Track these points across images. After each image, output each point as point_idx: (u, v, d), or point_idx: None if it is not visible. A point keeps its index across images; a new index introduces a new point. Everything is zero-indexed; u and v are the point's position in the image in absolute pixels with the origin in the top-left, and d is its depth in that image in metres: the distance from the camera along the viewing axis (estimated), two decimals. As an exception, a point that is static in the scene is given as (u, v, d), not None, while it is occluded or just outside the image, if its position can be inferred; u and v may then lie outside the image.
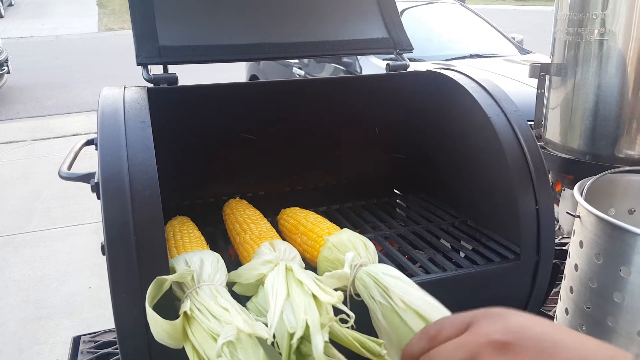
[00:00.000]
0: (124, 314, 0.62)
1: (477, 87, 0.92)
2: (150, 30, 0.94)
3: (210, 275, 0.66)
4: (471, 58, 4.47)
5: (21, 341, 2.78)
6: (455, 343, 0.49)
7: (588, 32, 1.31)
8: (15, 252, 3.69)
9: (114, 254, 0.62)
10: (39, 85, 9.02)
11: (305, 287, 0.59)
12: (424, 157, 1.16)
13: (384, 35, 1.08)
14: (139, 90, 0.80)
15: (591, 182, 1.10)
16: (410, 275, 0.90)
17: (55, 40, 14.17)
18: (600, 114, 1.33)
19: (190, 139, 1.04)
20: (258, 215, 0.93)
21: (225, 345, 0.52)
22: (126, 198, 0.63)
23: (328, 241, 0.77)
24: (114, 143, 0.67)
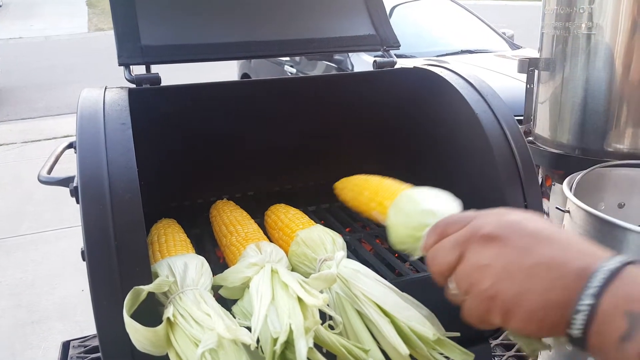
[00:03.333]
0: (106, 321, 0.61)
1: (464, 83, 0.91)
2: (132, 29, 0.92)
3: (194, 280, 0.65)
4: (462, 54, 4.47)
5: (14, 346, 2.75)
6: (453, 237, 0.53)
7: (575, 27, 1.31)
8: (7, 255, 3.66)
9: (94, 259, 0.60)
10: (29, 86, 8.94)
11: (291, 290, 0.58)
12: (413, 153, 1.15)
13: (371, 32, 1.07)
14: (120, 91, 0.78)
15: (580, 176, 1.09)
16: (399, 274, 0.89)
17: (45, 41, 14.06)
18: (588, 108, 1.33)
19: (175, 140, 1.02)
20: (245, 216, 0.92)
21: (208, 352, 0.51)
22: (106, 202, 0.62)
23: (298, 236, 0.77)
24: (93, 146, 0.65)
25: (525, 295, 0.46)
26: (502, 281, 0.47)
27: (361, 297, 0.64)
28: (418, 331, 0.58)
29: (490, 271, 0.48)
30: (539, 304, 0.45)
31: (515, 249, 0.48)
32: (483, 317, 0.49)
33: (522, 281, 0.46)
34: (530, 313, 0.45)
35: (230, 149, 1.10)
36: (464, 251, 0.51)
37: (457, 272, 0.51)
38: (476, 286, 0.49)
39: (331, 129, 1.12)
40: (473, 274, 0.49)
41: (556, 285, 0.45)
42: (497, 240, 0.49)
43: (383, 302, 0.62)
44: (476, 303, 0.49)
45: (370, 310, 0.62)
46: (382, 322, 0.60)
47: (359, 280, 0.66)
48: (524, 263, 0.47)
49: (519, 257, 0.47)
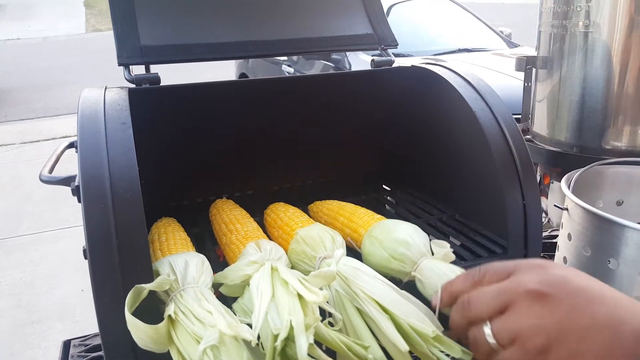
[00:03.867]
0: (108, 319, 0.61)
1: (462, 82, 0.91)
2: (132, 29, 0.93)
3: (195, 278, 0.66)
4: (460, 52, 4.48)
5: (14, 346, 2.76)
6: (494, 288, 0.52)
7: (573, 25, 1.32)
8: (6, 256, 3.66)
9: (95, 258, 0.61)
10: (27, 87, 8.94)
11: (291, 287, 0.59)
12: (411, 152, 1.16)
13: (369, 31, 1.08)
14: (120, 91, 0.79)
15: (578, 174, 1.10)
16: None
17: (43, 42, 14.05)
18: (586, 106, 1.34)
19: (175, 139, 1.03)
20: (244, 215, 0.92)
21: (209, 349, 0.52)
22: (107, 201, 0.62)
23: (297, 234, 0.77)
24: (94, 145, 0.66)
25: (580, 357, 0.44)
26: (556, 340, 0.46)
27: (361, 294, 0.64)
28: (417, 328, 0.58)
29: (544, 328, 0.47)
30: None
31: (566, 308, 0.46)
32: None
33: (577, 342, 0.45)
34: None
35: (230, 148, 1.10)
36: (509, 303, 0.49)
37: (501, 321, 0.50)
38: (526, 341, 0.47)
39: (329, 128, 1.12)
40: (523, 328, 0.48)
41: (613, 347, 0.43)
42: (546, 298, 0.48)
43: (382, 299, 0.63)
44: (520, 357, 0.47)
45: (369, 307, 0.62)
46: (382, 319, 0.60)
47: (359, 277, 0.66)
48: (578, 323, 0.45)
49: (572, 316, 0.46)
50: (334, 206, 0.97)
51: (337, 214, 0.93)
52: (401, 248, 0.73)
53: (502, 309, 0.50)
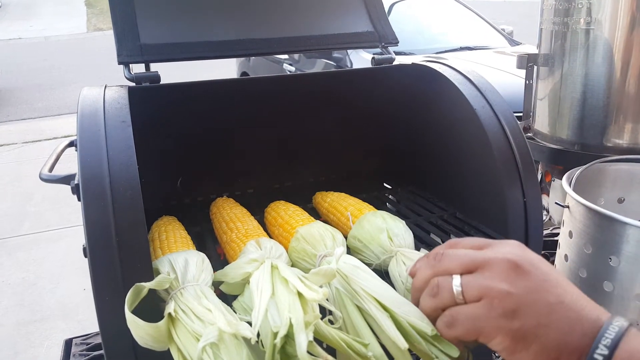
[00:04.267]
0: (108, 317, 0.61)
1: (463, 79, 0.91)
2: (132, 28, 0.93)
3: (195, 276, 0.66)
4: (461, 50, 4.48)
5: (16, 345, 2.76)
6: (469, 251, 0.54)
7: (574, 22, 1.31)
8: (9, 255, 3.67)
9: (95, 256, 0.61)
10: (29, 87, 8.96)
11: (290, 284, 0.59)
12: (412, 150, 1.15)
13: (369, 29, 1.08)
14: (120, 90, 0.79)
15: (579, 172, 1.10)
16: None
17: (44, 41, 14.07)
18: (588, 104, 1.33)
19: (175, 138, 1.02)
20: (245, 213, 0.92)
21: (209, 346, 0.52)
22: (107, 199, 0.62)
23: (297, 232, 0.77)
24: (93, 144, 0.66)
25: (544, 330, 0.46)
26: (525, 308, 0.47)
27: (361, 292, 0.64)
28: (417, 326, 0.58)
29: (515, 294, 0.48)
30: (555, 342, 0.46)
31: (539, 283, 0.49)
32: (483, 332, 0.49)
33: (544, 315, 0.47)
34: (545, 349, 0.46)
35: (231, 147, 1.10)
36: (484, 264, 0.51)
37: (473, 277, 0.51)
38: (494, 299, 0.48)
39: (330, 126, 1.12)
40: (494, 287, 0.49)
41: (575, 329, 0.46)
42: (522, 269, 0.49)
43: (382, 298, 0.63)
44: (485, 314, 0.48)
45: (369, 305, 0.62)
46: (382, 317, 0.60)
47: (359, 275, 0.66)
48: (547, 299, 0.47)
49: (543, 292, 0.48)
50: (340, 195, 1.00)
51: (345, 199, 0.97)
52: (397, 230, 0.79)
53: (475, 268, 0.52)
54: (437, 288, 0.53)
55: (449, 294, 0.52)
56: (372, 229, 0.80)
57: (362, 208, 0.90)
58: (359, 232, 0.82)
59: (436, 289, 0.54)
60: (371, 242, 0.79)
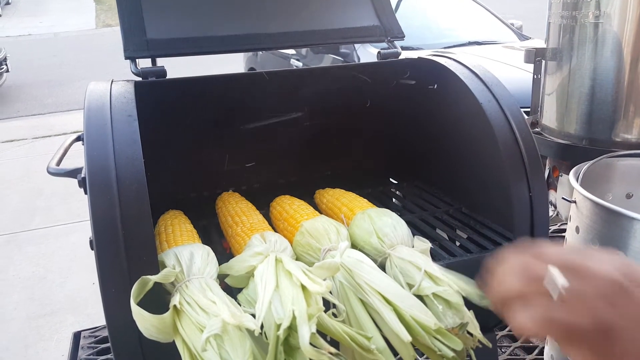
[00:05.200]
0: (114, 309, 0.62)
1: (469, 73, 0.91)
2: (138, 23, 0.93)
3: (200, 269, 0.66)
4: (470, 45, 4.44)
5: (27, 338, 2.80)
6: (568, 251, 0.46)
7: (583, 15, 1.30)
8: (19, 250, 3.71)
9: (102, 248, 0.62)
10: (39, 83, 9.01)
11: (294, 277, 0.59)
12: (418, 145, 1.15)
13: (375, 23, 1.07)
14: (126, 84, 0.79)
15: (587, 167, 1.08)
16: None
17: (54, 37, 14.15)
18: (596, 98, 1.32)
19: (182, 133, 1.03)
20: (250, 207, 0.93)
21: (213, 338, 0.52)
22: (113, 193, 0.63)
23: (302, 226, 0.78)
24: (100, 137, 0.67)
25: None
26: (630, 329, 0.42)
27: (364, 286, 0.64)
28: (420, 320, 0.59)
29: (619, 312, 0.42)
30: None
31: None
32: (572, 341, 0.44)
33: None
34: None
35: (236, 141, 1.10)
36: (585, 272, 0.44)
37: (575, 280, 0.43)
38: (596, 313, 0.42)
39: (335, 121, 1.12)
40: (597, 301, 0.42)
41: None
42: (625, 292, 0.43)
43: (386, 291, 0.63)
44: (582, 326, 0.42)
45: (373, 298, 0.63)
46: (385, 310, 0.61)
47: (363, 269, 0.67)
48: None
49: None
50: (337, 192, 1.00)
51: (340, 198, 0.97)
52: (386, 229, 0.78)
53: (572, 270, 0.44)
54: (529, 274, 0.46)
55: (545, 303, 0.44)
56: (362, 233, 0.80)
57: (354, 207, 0.89)
58: (353, 237, 0.82)
59: (527, 274, 0.46)
60: (364, 245, 0.79)
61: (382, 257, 0.76)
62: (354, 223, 0.83)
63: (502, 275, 0.48)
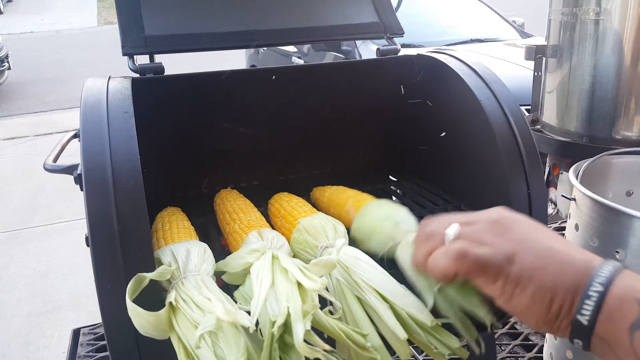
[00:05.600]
0: (110, 305, 0.62)
1: (468, 70, 0.90)
2: (136, 19, 0.93)
3: (196, 266, 0.66)
4: (471, 43, 4.44)
5: (28, 334, 2.81)
6: (457, 216, 0.57)
7: (583, 12, 1.29)
8: (21, 247, 3.72)
9: (97, 245, 0.61)
10: (40, 80, 9.03)
11: (290, 275, 0.59)
12: (417, 142, 1.15)
13: (374, 20, 1.07)
14: (123, 81, 0.79)
15: (587, 164, 1.08)
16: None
17: (55, 35, 14.15)
18: (596, 95, 1.31)
19: (180, 129, 1.03)
20: (248, 204, 0.93)
21: (207, 335, 0.52)
22: (109, 189, 0.63)
23: (299, 223, 0.78)
24: (96, 134, 0.66)
25: (538, 272, 0.47)
26: (521, 251, 0.49)
27: (361, 283, 0.64)
28: (416, 317, 0.58)
29: (508, 240, 0.50)
30: (550, 283, 0.46)
31: (523, 235, 0.51)
32: (486, 271, 0.49)
33: (536, 259, 0.48)
34: (540, 290, 0.46)
35: (235, 139, 1.10)
36: (474, 221, 0.54)
37: (467, 227, 0.53)
38: (494, 244, 0.50)
39: (335, 118, 1.12)
40: (490, 237, 0.51)
41: (567, 270, 0.47)
42: (504, 226, 0.52)
43: (383, 289, 0.63)
44: (491, 255, 0.49)
45: (369, 296, 0.62)
46: (382, 308, 0.61)
47: (360, 267, 0.66)
48: (536, 246, 0.49)
49: (530, 241, 0.50)
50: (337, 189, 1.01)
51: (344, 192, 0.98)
52: (400, 215, 0.78)
53: (468, 223, 0.54)
54: (431, 234, 0.55)
55: (442, 239, 0.54)
56: (375, 218, 0.79)
57: (362, 199, 0.89)
58: (362, 223, 0.81)
59: (430, 235, 0.56)
60: (375, 231, 0.78)
61: (395, 242, 0.76)
62: (367, 208, 0.84)
63: (416, 243, 0.58)
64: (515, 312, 0.49)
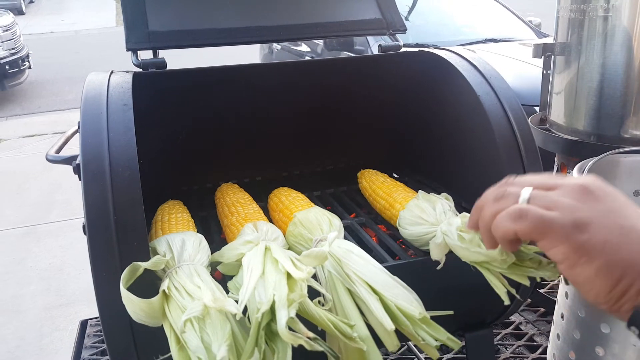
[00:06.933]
0: (105, 293, 0.63)
1: (468, 66, 0.90)
2: (140, 15, 0.94)
3: (190, 256, 0.67)
4: (486, 43, 4.39)
5: (42, 328, 2.86)
6: (539, 178, 0.52)
7: (591, 9, 1.27)
8: (37, 241, 3.79)
9: (94, 234, 0.63)
10: (60, 79, 9.18)
11: (280, 265, 0.60)
12: (419, 139, 1.15)
13: (377, 16, 1.07)
14: (125, 75, 0.81)
15: (592, 163, 1.07)
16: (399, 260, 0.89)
17: (75, 35, 14.38)
18: (605, 93, 1.29)
19: (184, 124, 1.04)
20: (247, 198, 0.94)
21: (196, 321, 0.53)
22: (106, 179, 0.64)
23: (295, 217, 0.78)
24: (95, 125, 0.68)
25: (611, 248, 0.44)
26: (599, 220, 0.45)
27: (352, 276, 0.65)
28: (404, 309, 0.59)
29: (588, 208, 0.46)
30: (622, 262, 0.44)
31: (612, 207, 0.47)
32: (548, 234, 0.46)
33: (614, 235, 0.45)
34: (609, 267, 0.44)
35: (239, 134, 1.11)
36: (557, 186, 0.49)
37: (543, 193, 0.49)
38: (565, 209, 0.46)
39: (338, 115, 1.12)
40: (565, 202, 0.47)
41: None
42: (594, 194, 0.48)
43: (373, 281, 0.63)
44: (556, 218, 0.46)
45: (360, 288, 0.63)
46: (371, 300, 0.61)
47: (352, 259, 0.67)
48: (619, 221, 0.46)
49: (615, 216, 0.46)
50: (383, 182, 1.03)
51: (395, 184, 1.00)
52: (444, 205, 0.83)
53: (546, 189, 0.50)
54: (504, 194, 0.51)
55: (514, 200, 0.49)
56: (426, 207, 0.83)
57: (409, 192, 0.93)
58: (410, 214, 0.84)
59: (502, 195, 0.51)
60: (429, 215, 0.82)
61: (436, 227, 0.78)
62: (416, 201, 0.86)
63: (484, 200, 0.55)
64: (577, 282, 0.46)
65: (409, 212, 0.84)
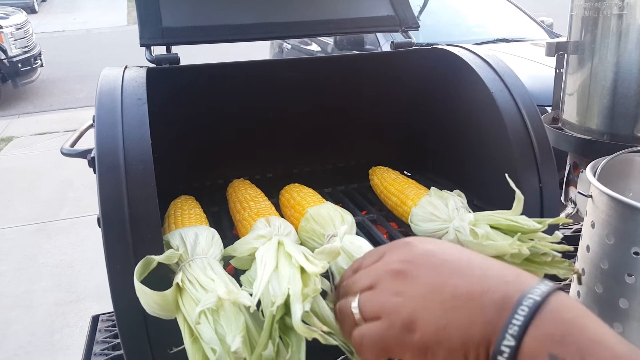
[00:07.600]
0: (119, 285, 0.64)
1: (481, 63, 0.90)
2: (154, 12, 0.95)
3: (204, 249, 0.68)
4: (498, 42, 4.37)
5: (53, 324, 2.89)
6: (365, 271, 0.53)
7: (606, 7, 1.26)
8: (48, 238, 3.83)
9: (108, 226, 0.63)
10: (71, 78, 9.26)
11: (293, 259, 0.60)
12: (431, 136, 1.14)
13: (390, 13, 1.07)
14: (139, 70, 0.81)
15: (605, 161, 1.06)
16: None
17: (86, 34, 14.50)
18: (618, 92, 1.28)
19: (196, 120, 1.05)
20: (259, 194, 0.94)
21: (210, 313, 0.53)
22: (120, 173, 0.65)
23: (307, 213, 0.78)
24: (110, 119, 0.68)
25: (445, 332, 0.43)
26: (421, 315, 0.45)
27: None
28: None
29: (406, 303, 0.46)
30: (460, 340, 0.42)
31: (427, 283, 0.46)
32: (390, 350, 0.46)
33: (440, 316, 0.43)
34: (451, 354, 0.42)
35: (251, 131, 1.12)
36: (376, 281, 0.50)
37: (368, 295, 0.50)
38: (391, 315, 0.46)
39: (349, 112, 1.12)
40: (386, 303, 0.47)
41: (477, 320, 0.42)
42: (406, 275, 0.48)
43: None
44: (387, 332, 0.46)
45: None
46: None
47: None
48: (439, 297, 0.44)
49: (433, 291, 0.45)
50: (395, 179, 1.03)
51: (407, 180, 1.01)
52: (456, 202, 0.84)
53: (370, 287, 0.50)
54: (340, 314, 0.53)
55: (349, 317, 0.51)
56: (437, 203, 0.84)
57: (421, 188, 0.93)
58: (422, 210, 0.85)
59: (340, 316, 0.53)
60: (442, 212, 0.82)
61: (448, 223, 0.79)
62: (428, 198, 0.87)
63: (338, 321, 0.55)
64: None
65: (421, 209, 0.84)
